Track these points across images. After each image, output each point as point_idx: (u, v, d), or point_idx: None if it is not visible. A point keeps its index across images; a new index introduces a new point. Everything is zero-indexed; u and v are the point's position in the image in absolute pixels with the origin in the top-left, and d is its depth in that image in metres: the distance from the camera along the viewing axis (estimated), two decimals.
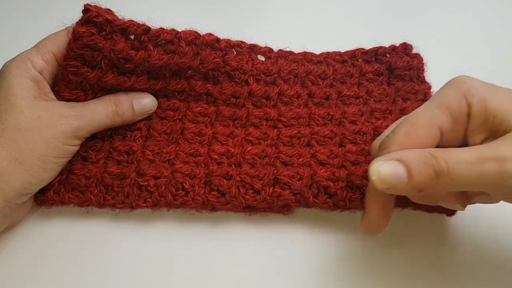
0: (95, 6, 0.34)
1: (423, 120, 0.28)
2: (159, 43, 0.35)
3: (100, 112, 0.36)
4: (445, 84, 0.29)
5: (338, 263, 0.35)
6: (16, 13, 0.47)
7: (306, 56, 0.43)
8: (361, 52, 0.43)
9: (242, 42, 0.41)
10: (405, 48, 0.43)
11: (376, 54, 0.43)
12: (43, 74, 0.35)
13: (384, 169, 0.26)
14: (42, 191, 0.36)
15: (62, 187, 0.36)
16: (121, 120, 0.37)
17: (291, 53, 0.43)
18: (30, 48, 0.36)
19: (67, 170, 0.36)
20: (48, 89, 0.36)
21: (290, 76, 0.41)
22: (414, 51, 0.43)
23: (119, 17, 0.35)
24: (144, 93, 0.38)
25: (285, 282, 0.35)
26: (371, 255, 0.36)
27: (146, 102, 0.38)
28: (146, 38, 0.34)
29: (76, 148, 0.35)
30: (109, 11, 0.35)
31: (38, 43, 0.36)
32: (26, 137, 0.33)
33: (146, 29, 0.35)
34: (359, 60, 0.43)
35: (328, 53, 0.43)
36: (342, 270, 0.35)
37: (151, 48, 0.35)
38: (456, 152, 0.26)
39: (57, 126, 0.33)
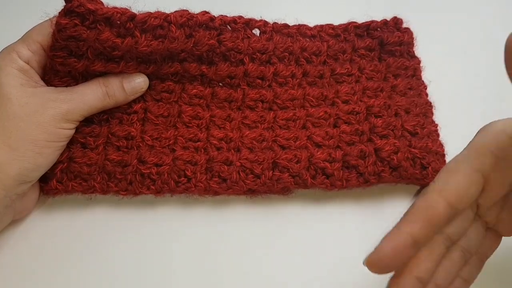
0: None
1: (462, 166, 0.28)
2: (147, 29, 0.34)
3: (90, 94, 0.36)
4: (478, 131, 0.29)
5: (337, 237, 0.38)
6: (15, 13, 0.47)
7: (301, 30, 0.42)
8: (353, 26, 0.43)
9: (237, 17, 0.40)
10: (396, 22, 0.43)
11: (368, 28, 0.43)
12: (30, 63, 0.35)
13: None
14: (45, 181, 0.36)
15: (64, 176, 0.36)
16: (113, 101, 0.37)
17: (285, 26, 0.42)
18: (16, 41, 0.35)
19: (68, 158, 0.36)
20: (37, 77, 0.35)
21: (285, 54, 0.40)
22: (404, 25, 0.43)
23: (104, 3, 0.34)
24: (134, 73, 0.37)
25: (288, 259, 0.37)
26: (368, 227, 0.38)
27: (137, 82, 0.37)
28: (132, 25, 0.33)
29: (70, 132, 0.35)
30: (90, 5, 0.33)
31: (24, 34, 0.35)
32: (16, 124, 0.33)
33: (131, 16, 0.33)
34: (351, 34, 0.43)
35: (321, 26, 0.43)
36: (341, 243, 0.37)
37: (138, 35, 0.34)
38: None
39: (47, 110, 0.33)
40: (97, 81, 0.36)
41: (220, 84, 0.40)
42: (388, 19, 0.43)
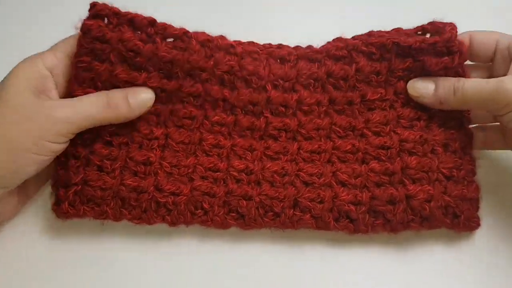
0: (101, 3, 0.35)
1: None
2: (167, 36, 0.35)
3: (91, 106, 0.34)
4: None
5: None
6: (15, 13, 0.45)
7: (329, 52, 0.38)
8: (392, 42, 0.36)
9: (258, 47, 0.38)
10: (448, 45, 0.35)
11: (411, 48, 0.36)
12: (54, 71, 0.35)
13: (418, 82, 0.36)
14: (57, 203, 0.36)
15: (77, 199, 0.35)
16: (115, 114, 0.35)
17: (311, 49, 0.38)
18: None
19: (83, 180, 0.35)
20: (52, 86, 0.35)
21: (310, 81, 0.37)
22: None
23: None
24: (141, 87, 0.36)
25: None
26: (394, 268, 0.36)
27: (143, 97, 0.35)
28: (152, 30, 0.35)
29: (58, 147, 0.34)
30: (114, 8, 0.35)
31: (53, 45, 0.36)
32: (3, 128, 0.32)
33: (152, 21, 0.35)
34: (390, 53, 0.36)
35: (354, 44, 0.37)
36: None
37: (159, 41, 0.35)
38: (474, 78, 0.35)
39: (40, 121, 0.32)
40: (99, 94, 0.35)
41: (243, 111, 0.37)
42: (438, 37, 0.36)
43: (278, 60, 0.38)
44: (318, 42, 0.39)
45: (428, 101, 0.36)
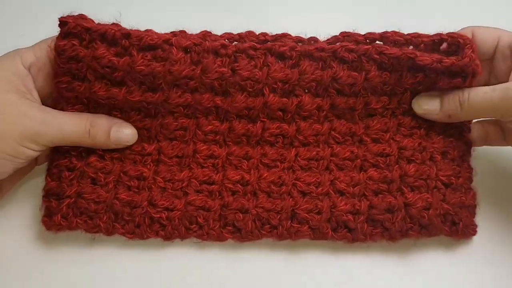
0: (70, 16, 0.33)
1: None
2: (144, 48, 0.33)
3: (70, 126, 0.34)
4: None
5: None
6: (15, 14, 0.44)
7: (336, 53, 0.34)
8: (408, 57, 0.33)
9: (255, 40, 0.36)
10: (465, 66, 0.33)
11: (425, 66, 0.33)
12: (31, 69, 0.34)
13: (422, 100, 0.35)
14: (49, 215, 0.35)
15: (70, 211, 0.35)
16: (92, 142, 0.35)
17: (315, 46, 0.34)
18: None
19: (76, 193, 0.35)
20: (31, 86, 0.34)
21: (312, 84, 0.35)
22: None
23: (100, 22, 0.34)
24: (127, 123, 0.35)
25: None
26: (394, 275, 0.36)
27: (125, 133, 0.35)
28: (127, 42, 0.33)
29: (33, 154, 0.34)
30: (83, 17, 0.34)
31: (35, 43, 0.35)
32: None
33: (126, 33, 0.33)
34: (401, 66, 0.34)
35: (365, 50, 0.33)
36: None
37: (135, 53, 0.33)
38: (478, 88, 0.34)
39: (17, 125, 0.32)
40: (85, 117, 0.35)
41: (237, 117, 0.36)
42: (455, 59, 0.33)
43: (278, 58, 0.34)
44: (322, 33, 0.37)
45: (437, 118, 0.35)
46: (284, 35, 0.37)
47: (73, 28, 0.32)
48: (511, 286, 0.35)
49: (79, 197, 0.34)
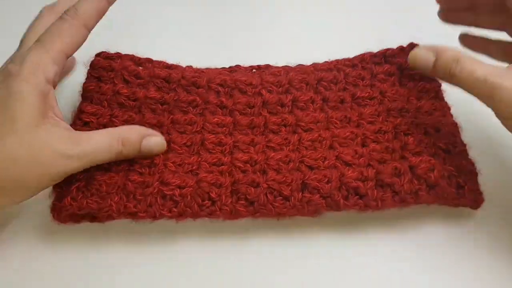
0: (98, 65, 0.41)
1: None
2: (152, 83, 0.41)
3: (104, 151, 0.33)
4: None
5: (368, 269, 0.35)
6: (15, 14, 0.47)
7: (316, 67, 0.43)
8: (370, 55, 0.43)
9: (250, 79, 0.42)
10: (412, 47, 0.43)
11: (385, 56, 0.43)
12: (54, 79, 0.33)
13: (420, 51, 0.36)
14: (59, 199, 0.34)
15: (80, 194, 0.34)
16: (124, 158, 0.35)
17: (300, 66, 0.44)
18: (38, 47, 0.32)
19: (87, 176, 0.35)
20: (54, 102, 0.33)
21: (302, 85, 0.41)
22: None
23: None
24: (154, 131, 0.37)
25: None
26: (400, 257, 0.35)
27: (153, 141, 0.36)
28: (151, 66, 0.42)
29: (60, 179, 0.33)
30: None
31: (45, 41, 0.33)
32: (16, 168, 0.30)
33: (149, 60, 0.43)
34: (369, 63, 0.43)
35: (337, 61, 0.44)
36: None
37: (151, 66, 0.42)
38: (475, 69, 0.32)
39: (54, 167, 0.31)
40: (116, 137, 0.34)
41: (241, 113, 0.40)
42: (404, 45, 0.43)
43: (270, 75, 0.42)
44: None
45: (426, 73, 0.37)
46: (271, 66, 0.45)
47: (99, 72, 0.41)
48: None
49: (90, 179, 0.35)
